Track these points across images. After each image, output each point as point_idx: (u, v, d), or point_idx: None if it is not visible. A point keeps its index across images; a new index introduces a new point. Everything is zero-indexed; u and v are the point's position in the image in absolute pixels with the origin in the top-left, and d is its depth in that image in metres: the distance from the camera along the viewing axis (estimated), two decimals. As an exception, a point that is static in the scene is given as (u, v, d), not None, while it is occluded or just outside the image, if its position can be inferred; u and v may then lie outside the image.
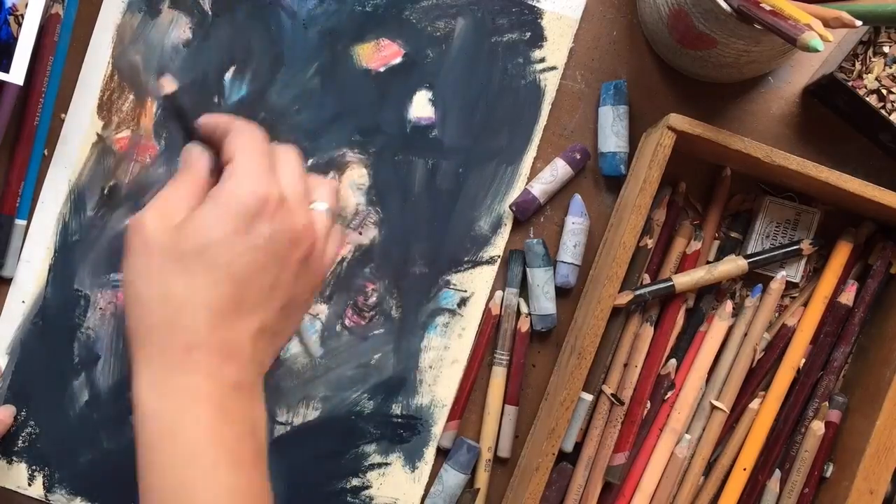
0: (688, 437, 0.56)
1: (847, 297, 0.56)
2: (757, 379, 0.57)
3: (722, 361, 0.57)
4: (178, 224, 0.41)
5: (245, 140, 0.43)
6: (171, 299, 0.40)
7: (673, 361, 0.56)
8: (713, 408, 0.56)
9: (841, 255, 0.57)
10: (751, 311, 0.56)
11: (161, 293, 0.41)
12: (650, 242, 0.56)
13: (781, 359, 0.57)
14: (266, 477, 0.43)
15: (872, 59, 0.55)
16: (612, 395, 0.55)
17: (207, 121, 0.45)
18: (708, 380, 0.57)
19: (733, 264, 0.56)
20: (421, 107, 0.59)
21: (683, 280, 0.56)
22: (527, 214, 0.58)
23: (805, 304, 0.57)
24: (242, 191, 0.41)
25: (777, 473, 0.56)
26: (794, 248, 0.56)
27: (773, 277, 0.57)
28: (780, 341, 0.57)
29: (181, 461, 0.40)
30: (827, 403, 0.56)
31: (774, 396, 0.57)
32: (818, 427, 0.55)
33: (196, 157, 0.44)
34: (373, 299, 0.59)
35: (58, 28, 0.57)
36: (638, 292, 0.55)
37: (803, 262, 0.57)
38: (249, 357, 0.42)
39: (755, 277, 0.58)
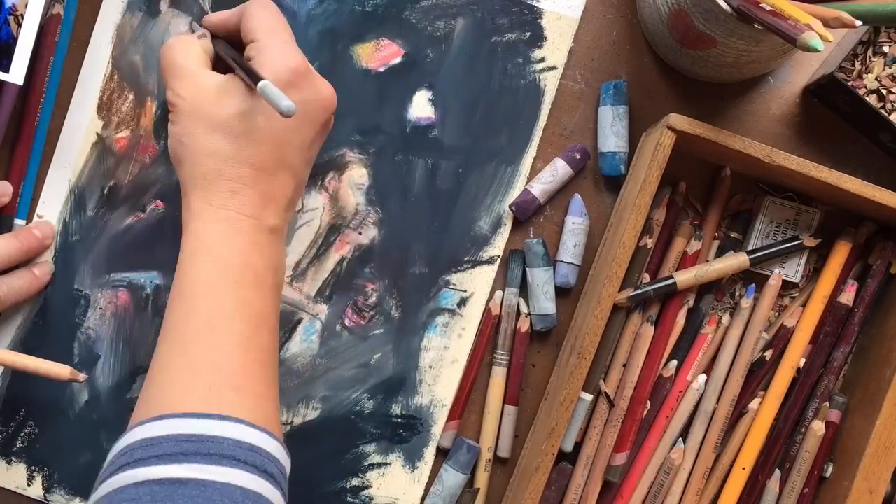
0: (681, 442, 0.56)
1: (847, 297, 0.56)
2: (757, 379, 0.57)
3: (720, 362, 0.57)
4: (219, 93, 0.49)
5: (263, 16, 0.50)
6: (219, 155, 0.48)
7: (674, 362, 0.56)
8: (714, 410, 0.56)
9: (840, 254, 0.57)
10: (747, 312, 0.56)
11: (211, 149, 0.48)
12: (650, 242, 0.56)
13: (781, 359, 0.57)
14: (278, 309, 0.50)
15: (872, 59, 0.55)
16: (605, 393, 0.55)
17: (218, 17, 0.54)
18: (707, 381, 0.57)
19: (734, 260, 0.56)
20: (421, 107, 0.59)
21: (684, 277, 0.56)
22: (527, 214, 0.58)
23: (804, 305, 0.57)
24: (275, 64, 0.48)
25: (777, 473, 0.56)
26: (796, 242, 0.56)
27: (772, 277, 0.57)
28: (779, 342, 0.57)
29: (213, 275, 0.47)
30: (828, 404, 0.56)
31: (774, 396, 0.57)
32: (819, 427, 0.55)
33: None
34: (373, 299, 0.59)
35: (58, 28, 0.57)
36: (639, 290, 0.55)
37: (803, 262, 0.57)
38: (285, 206, 0.50)
39: (755, 278, 0.58)
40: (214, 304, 0.47)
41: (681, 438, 0.56)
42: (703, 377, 0.56)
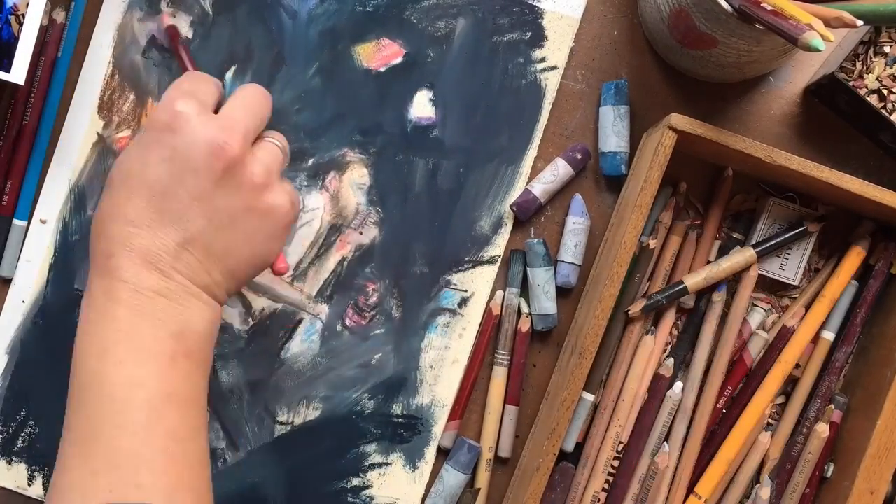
0: (666, 446, 0.56)
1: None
2: (756, 380, 0.57)
3: (696, 358, 0.56)
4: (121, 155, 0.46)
5: (182, 77, 0.47)
6: (100, 215, 0.45)
7: (671, 360, 0.56)
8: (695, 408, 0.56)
9: (853, 260, 0.56)
10: (719, 305, 0.56)
11: (97, 213, 0.45)
12: (652, 243, 0.56)
13: (778, 359, 0.57)
14: (197, 382, 0.45)
15: (873, 59, 0.55)
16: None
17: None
18: (685, 379, 0.57)
19: (741, 256, 0.56)
20: (422, 106, 0.59)
21: (694, 280, 0.55)
22: (527, 214, 0.58)
23: (806, 307, 0.57)
24: (157, 112, 0.45)
25: (767, 481, 0.56)
26: (800, 229, 0.56)
27: (774, 280, 0.57)
28: (780, 342, 0.57)
29: (95, 354, 0.43)
30: (832, 406, 0.56)
31: (768, 395, 0.57)
32: (822, 429, 0.55)
33: None
34: (373, 299, 0.59)
35: (60, 28, 0.57)
36: (651, 300, 0.55)
37: (803, 263, 0.57)
38: (171, 266, 0.44)
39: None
40: (99, 392, 0.42)
41: (665, 442, 0.56)
42: (679, 385, 0.56)
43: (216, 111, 0.47)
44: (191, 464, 0.43)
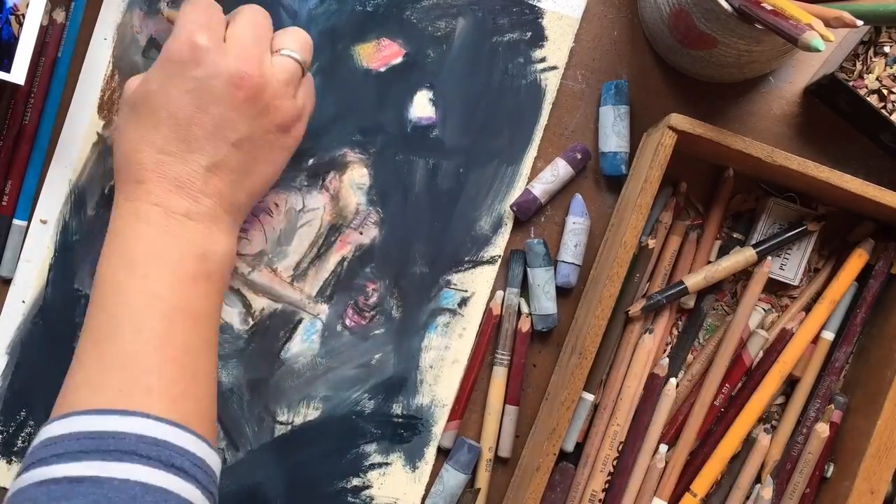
0: (664, 448, 0.56)
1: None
2: (755, 379, 0.57)
3: (696, 356, 0.57)
4: (140, 81, 0.48)
5: (191, 4, 0.48)
6: (127, 142, 0.48)
7: (666, 360, 0.56)
8: (689, 409, 0.56)
9: (854, 262, 0.56)
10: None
11: (120, 138, 0.48)
12: (651, 243, 0.56)
13: (778, 359, 0.57)
14: (213, 301, 0.48)
15: (873, 59, 0.55)
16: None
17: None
18: (686, 374, 0.57)
19: (741, 255, 0.56)
20: (422, 106, 0.59)
21: (694, 280, 0.55)
22: (528, 214, 0.58)
23: (806, 307, 0.57)
24: (175, 41, 0.47)
25: (769, 481, 0.56)
26: (801, 228, 0.56)
27: (774, 279, 0.57)
28: (780, 343, 0.57)
29: (121, 266, 0.46)
30: (832, 406, 0.56)
31: (768, 395, 0.57)
32: (823, 429, 0.55)
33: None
34: (373, 299, 0.59)
35: (60, 28, 0.57)
36: (651, 300, 0.55)
37: (803, 263, 0.57)
38: (200, 189, 0.47)
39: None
40: (122, 300, 0.45)
41: (664, 445, 0.56)
42: (673, 380, 0.56)
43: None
44: (198, 376, 0.45)
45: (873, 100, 0.55)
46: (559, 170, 0.58)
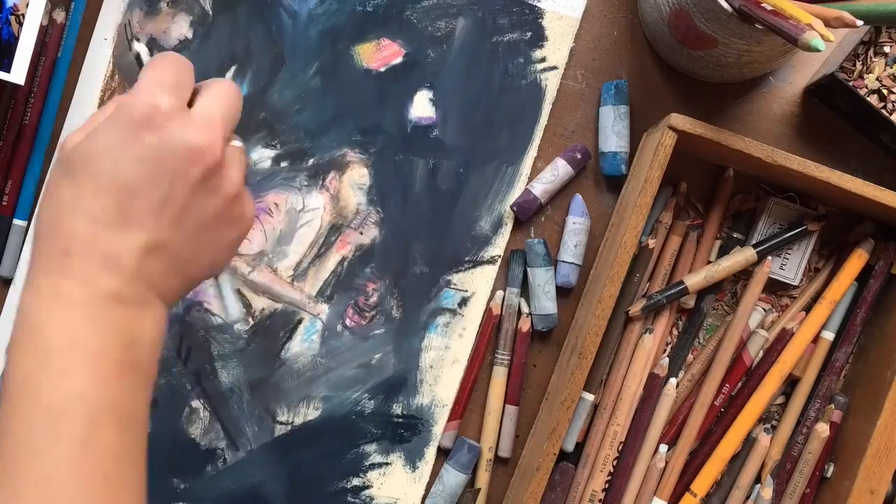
0: (664, 448, 0.56)
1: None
2: (755, 379, 0.57)
3: (696, 356, 0.57)
4: (83, 137, 0.41)
5: (159, 59, 0.43)
6: (58, 205, 0.41)
7: (665, 360, 0.56)
8: (690, 408, 0.56)
9: (854, 263, 0.56)
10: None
11: (51, 200, 0.41)
12: (651, 243, 0.56)
13: (778, 359, 0.57)
14: (140, 397, 0.41)
15: (873, 59, 0.55)
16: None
17: None
18: (686, 374, 0.57)
19: (741, 255, 0.56)
20: (422, 107, 0.59)
21: (695, 280, 0.55)
22: (528, 214, 0.58)
23: (806, 307, 0.57)
24: (134, 100, 0.40)
25: (769, 481, 0.56)
26: (801, 229, 0.56)
27: (774, 279, 0.57)
28: (780, 343, 0.57)
29: (36, 360, 0.39)
30: (832, 406, 0.56)
31: (768, 395, 0.57)
32: (823, 430, 0.55)
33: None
34: (373, 299, 0.59)
35: (60, 28, 0.57)
36: (652, 300, 0.55)
37: (803, 263, 0.57)
38: (134, 272, 0.40)
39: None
40: (36, 401, 0.38)
41: (664, 445, 0.56)
42: (673, 380, 0.56)
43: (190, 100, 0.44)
44: (125, 487, 0.40)
45: (873, 100, 0.55)
46: (559, 170, 0.58)
